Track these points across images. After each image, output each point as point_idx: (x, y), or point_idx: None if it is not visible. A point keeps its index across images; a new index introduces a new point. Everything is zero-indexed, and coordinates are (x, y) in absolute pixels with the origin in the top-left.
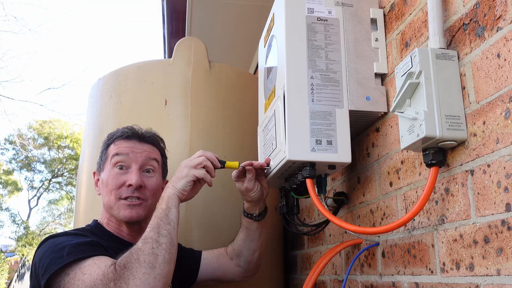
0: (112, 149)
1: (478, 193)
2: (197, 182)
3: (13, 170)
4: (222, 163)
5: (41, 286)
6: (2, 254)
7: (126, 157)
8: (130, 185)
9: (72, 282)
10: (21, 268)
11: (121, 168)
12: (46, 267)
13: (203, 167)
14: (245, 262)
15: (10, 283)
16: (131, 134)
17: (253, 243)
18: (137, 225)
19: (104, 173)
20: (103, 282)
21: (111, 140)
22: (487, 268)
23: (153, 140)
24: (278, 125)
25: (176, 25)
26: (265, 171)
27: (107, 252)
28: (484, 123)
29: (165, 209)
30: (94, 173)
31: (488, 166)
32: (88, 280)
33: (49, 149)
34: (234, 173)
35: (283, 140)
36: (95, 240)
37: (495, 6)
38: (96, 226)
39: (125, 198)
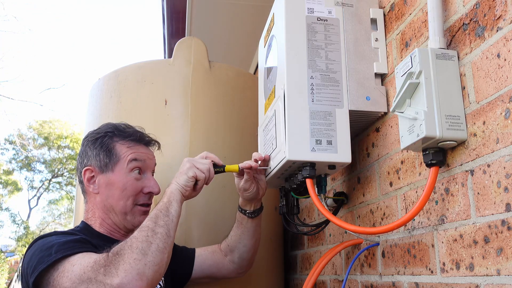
0: (126, 151)
1: (478, 193)
2: (197, 181)
3: (13, 170)
4: (222, 168)
5: (30, 286)
6: (2, 254)
7: (143, 163)
8: (150, 192)
9: (62, 275)
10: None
11: (138, 173)
12: (34, 266)
13: (203, 171)
14: (239, 258)
15: (10, 283)
16: (141, 138)
17: (247, 239)
18: None
19: (115, 175)
20: (93, 268)
21: (117, 138)
22: (487, 268)
23: (156, 146)
24: (278, 125)
25: (176, 25)
26: (265, 171)
27: (96, 249)
28: (484, 123)
29: (166, 202)
30: (86, 170)
31: (488, 166)
32: (78, 269)
33: (49, 149)
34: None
35: (283, 140)
36: (84, 238)
37: (495, 6)
38: (84, 228)
39: (141, 204)
